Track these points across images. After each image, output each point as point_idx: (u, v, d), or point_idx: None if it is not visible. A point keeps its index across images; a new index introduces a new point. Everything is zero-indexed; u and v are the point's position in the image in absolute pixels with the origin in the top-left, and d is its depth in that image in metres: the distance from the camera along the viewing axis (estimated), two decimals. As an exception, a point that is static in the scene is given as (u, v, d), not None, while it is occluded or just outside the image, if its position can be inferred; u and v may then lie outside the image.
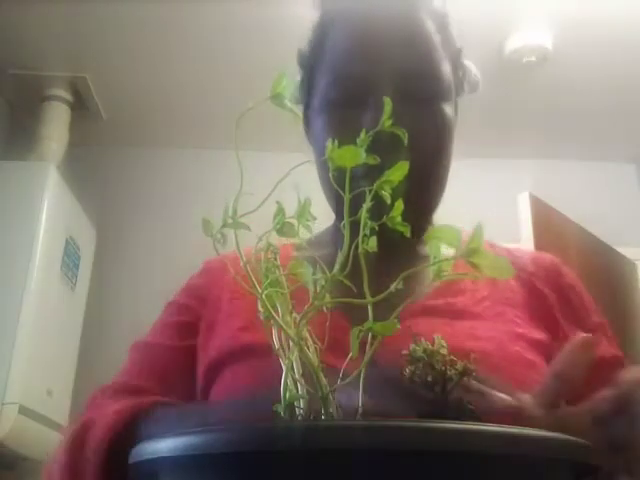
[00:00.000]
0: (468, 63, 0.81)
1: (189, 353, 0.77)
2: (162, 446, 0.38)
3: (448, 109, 0.73)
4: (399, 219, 0.44)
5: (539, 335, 0.70)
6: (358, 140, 0.44)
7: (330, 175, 0.44)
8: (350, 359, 0.43)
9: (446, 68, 0.73)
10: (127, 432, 0.61)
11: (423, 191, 0.64)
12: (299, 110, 0.79)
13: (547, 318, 0.72)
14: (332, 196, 0.74)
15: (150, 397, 0.68)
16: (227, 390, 0.68)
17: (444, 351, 0.46)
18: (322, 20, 0.78)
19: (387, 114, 0.44)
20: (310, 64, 0.78)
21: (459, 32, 0.78)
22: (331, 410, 0.43)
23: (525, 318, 0.71)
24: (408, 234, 0.44)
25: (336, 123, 0.71)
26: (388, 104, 0.44)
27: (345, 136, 0.71)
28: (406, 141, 0.46)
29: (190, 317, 0.79)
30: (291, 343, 0.45)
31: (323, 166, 0.73)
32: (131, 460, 0.42)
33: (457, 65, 0.78)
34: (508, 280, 0.73)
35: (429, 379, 0.45)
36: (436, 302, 0.69)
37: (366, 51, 0.71)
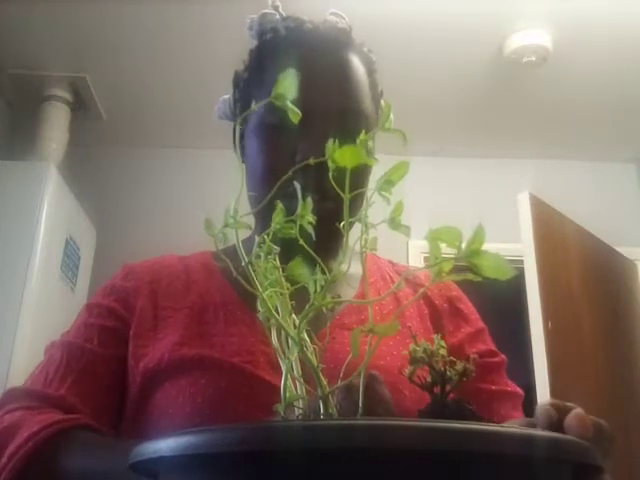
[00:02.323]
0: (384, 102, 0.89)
1: (109, 361, 0.77)
2: (163, 446, 0.38)
3: (370, 143, 0.79)
4: (399, 220, 0.44)
5: None
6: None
7: (330, 175, 0.45)
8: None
9: (372, 107, 0.82)
10: (47, 447, 0.65)
11: (339, 215, 0.64)
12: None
13: (435, 326, 0.82)
14: (259, 209, 0.76)
15: (74, 417, 0.70)
16: (172, 400, 0.70)
17: (444, 352, 0.46)
18: (261, 48, 0.84)
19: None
20: (247, 86, 0.84)
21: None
22: (330, 410, 0.43)
23: (422, 330, 0.79)
24: (408, 234, 0.45)
25: (270, 145, 0.79)
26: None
27: (277, 157, 0.76)
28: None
29: (115, 322, 0.79)
30: (291, 343, 0.45)
31: (252, 181, 0.79)
32: (132, 460, 0.42)
33: (378, 105, 0.86)
34: (408, 296, 0.82)
35: (429, 379, 0.45)
36: (350, 319, 0.77)
37: (305, 84, 0.75)
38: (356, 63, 0.82)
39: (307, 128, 0.73)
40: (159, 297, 0.80)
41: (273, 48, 0.82)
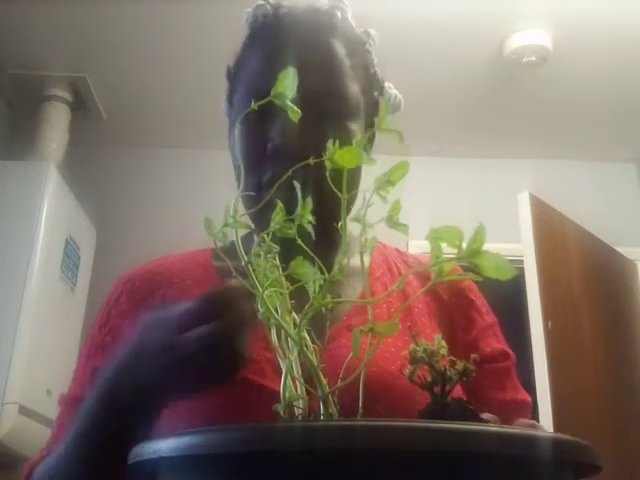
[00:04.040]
0: (388, 85, 0.86)
1: None
2: (163, 446, 0.38)
3: (354, 126, 0.77)
4: (397, 219, 0.44)
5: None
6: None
7: (327, 174, 0.44)
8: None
9: (354, 89, 0.78)
10: None
11: (324, 197, 0.57)
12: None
13: (446, 322, 0.78)
14: (249, 204, 0.73)
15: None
16: (177, 415, 0.64)
17: (444, 351, 0.46)
18: (246, 39, 0.83)
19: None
20: (233, 79, 0.83)
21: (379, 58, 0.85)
22: (330, 410, 0.43)
23: (431, 328, 0.76)
24: (407, 233, 0.45)
25: (247, 134, 0.76)
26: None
27: (254, 147, 0.74)
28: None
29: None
30: (291, 343, 0.45)
31: (234, 170, 0.77)
32: (131, 460, 0.42)
33: (371, 87, 0.82)
34: (417, 291, 0.78)
35: (429, 379, 0.45)
36: (357, 320, 0.73)
37: (275, 68, 0.71)
38: (332, 46, 0.78)
39: (276, 114, 0.70)
40: (165, 303, 0.76)
41: (251, 37, 0.81)
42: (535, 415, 0.69)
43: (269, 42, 0.78)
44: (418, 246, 3.06)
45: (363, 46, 0.83)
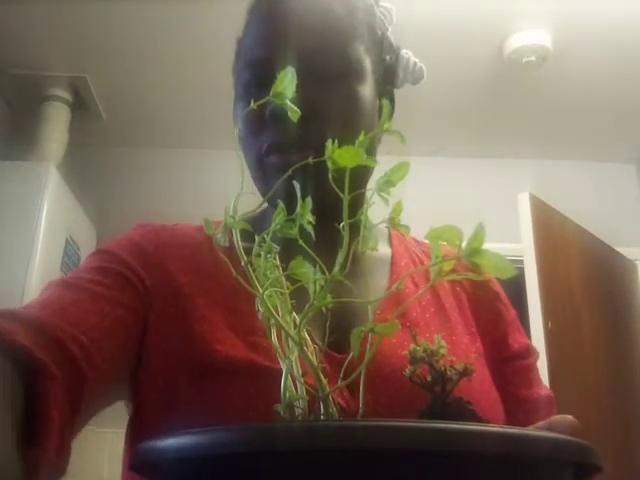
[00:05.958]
0: (405, 52, 0.82)
1: (115, 304, 0.65)
2: (162, 446, 0.38)
3: (361, 88, 0.73)
4: (399, 220, 0.44)
5: (477, 342, 0.74)
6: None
7: (330, 176, 0.44)
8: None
9: (355, 47, 0.73)
10: None
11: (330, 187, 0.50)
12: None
13: (476, 316, 0.75)
14: (262, 183, 0.72)
15: None
16: (215, 405, 0.61)
17: (444, 351, 0.46)
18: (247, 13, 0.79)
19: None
20: (236, 54, 0.80)
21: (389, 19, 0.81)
22: (330, 410, 0.43)
23: (460, 322, 0.73)
24: (408, 233, 0.45)
25: (246, 102, 0.72)
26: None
27: (253, 114, 0.68)
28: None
29: (131, 274, 0.69)
30: (291, 343, 0.45)
31: (244, 152, 0.72)
32: (132, 460, 0.42)
33: (380, 50, 0.78)
34: (444, 284, 0.75)
35: (429, 379, 0.45)
36: (392, 312, 0.68)
37: (269, 34, 0.72)
38: (327, 5, 0.73)
39: (274, 80, 0.67)
40: (182, 270, 0.71)
41: (250, 9, 0.78)
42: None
43: (264, 10, 0.76)
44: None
45: (369, 7, 0.78)
